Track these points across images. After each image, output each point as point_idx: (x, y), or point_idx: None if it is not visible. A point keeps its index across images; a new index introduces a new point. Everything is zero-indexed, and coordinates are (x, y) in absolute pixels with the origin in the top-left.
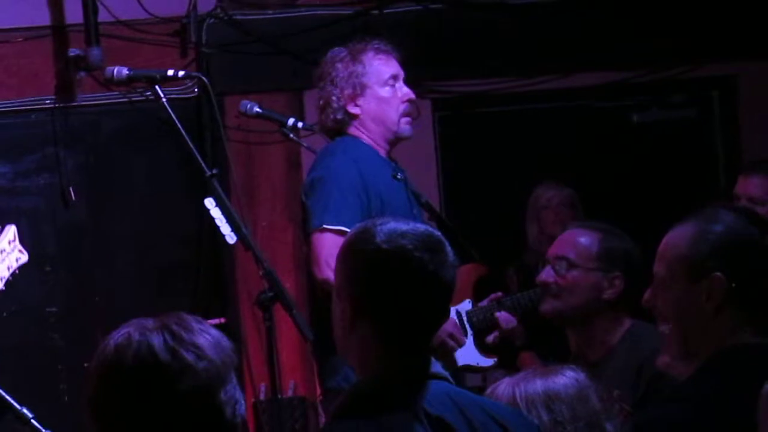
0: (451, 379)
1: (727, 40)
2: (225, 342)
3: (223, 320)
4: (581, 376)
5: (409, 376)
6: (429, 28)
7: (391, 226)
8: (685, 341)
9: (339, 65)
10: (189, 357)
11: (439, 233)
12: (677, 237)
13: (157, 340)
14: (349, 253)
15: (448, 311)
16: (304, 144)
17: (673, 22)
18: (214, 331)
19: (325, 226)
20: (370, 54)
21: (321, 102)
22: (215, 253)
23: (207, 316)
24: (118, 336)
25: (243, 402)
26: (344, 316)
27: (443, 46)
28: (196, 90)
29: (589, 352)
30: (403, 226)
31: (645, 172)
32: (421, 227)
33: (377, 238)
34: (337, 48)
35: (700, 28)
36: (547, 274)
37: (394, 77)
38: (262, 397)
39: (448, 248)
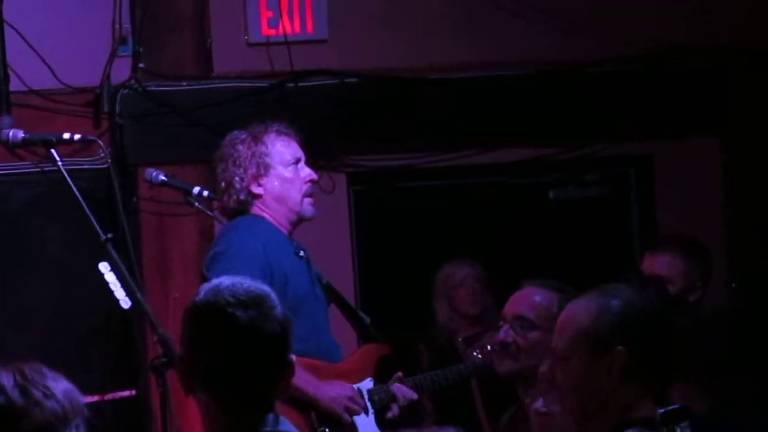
0: None
1: (642, 120)
2: (77, 394)
3: (133, 393)
4: None
5: None
6: (345, 102)
7: (215, 282)
8: (584, 414)
9: (240, 146)
10: (37, 394)
11: (263, 288)
12: (577, 311)
13: (6, 380)
14: None
15: (283, 366)
16: (210, 213)
17: (590, 101)
18: (68, 384)
19: None
20: (272, 135)
21: (223, 184)
22: (126, 323)
23: (117, 387)
24: None
25: None
26: (180, 377)
27: (359, 119)
28: (109, 160)
29: None
30: (226, 281)
31: (561, 249)
32: (246, 283)
33: (197, 296)
34: (236, 131)
35: (617, 108)
36: (506, 334)
37: (297, 159)
38: None
39: (272, 303)
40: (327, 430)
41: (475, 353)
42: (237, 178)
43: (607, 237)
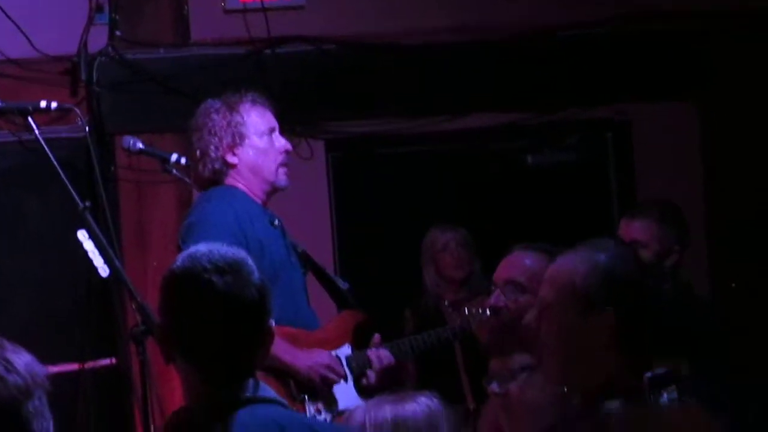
0: (283, 402)
1: (620, 84)
2: (38, 366)
3: (113, 361)
4: (434, 402)
5: (224, 404)
6: (322, 68)
7: (192, 249)
8: (566, 372)
9: (215, 116)
10: None
11: (240, 254)
12: (568, 265)
13: None
14: None
15: (262, 332)
16: (188, 180)
17: (568, 64)
18: (28, 356)
19: None
20: (247, 105)
21: (197, 153)
22: (105, 292)
23: (97, 356)
24: None
25: (51, 420)
26: (159, 345)
27: (336, 86)
28: (87, 129)
29: None
30: (203, 248)
31: (539, 214)
32: (222, 249)
33: (174, 264)
34: (211, 100)
35: (594, 71)
36: (497, 299)
37: (271, 129)
38: None
39: (249, 269)
40: (306, 398)
41: (459, 321)
42: (212, 147)
43: (585, 202)
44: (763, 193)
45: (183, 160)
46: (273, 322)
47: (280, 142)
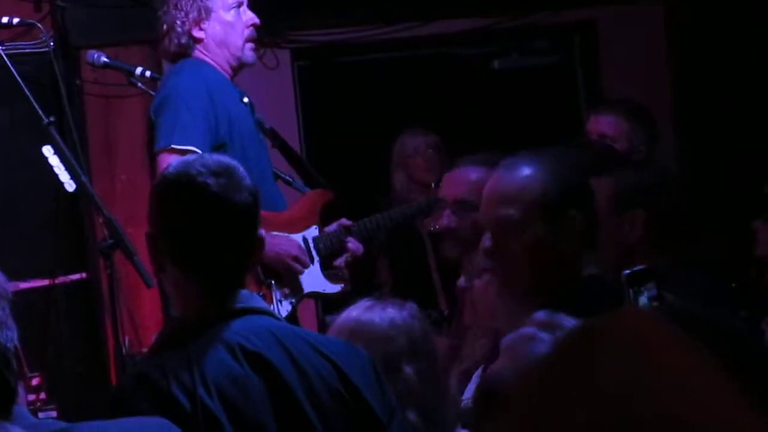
0: (275, 314)
1: None
2: (0, 276)
3: (84, 276)
4: (402, 315)
5: (219, 313)
6: None
7: (183, 158)
8: (534, 282)
9: None
10: None
11: (231, 161)
12: (524, 179)
13: None
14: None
15: (254, 239)
16: (153, 93)
17: None
18: None
19: (173, 146)
20: None
21: (164, 27)
22: (74, 206)
23: (68, 271)
24: None
25: (16, 330)
26: (150, 255)
27: None
28: (51, 44)
29: None
30: (193, 156)
31: (507, 119)
32: (214, 155)
33: (166, 170)
34: None
35: None
36: (449, 220)
37: (239, 3)
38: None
39: (240, 174)
40: (273, 282)
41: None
42: (178, 22)
43: (553, 104)
44: (729, 92)
45: (148, 73)
46: (263, 231)
47: (248, 15)
